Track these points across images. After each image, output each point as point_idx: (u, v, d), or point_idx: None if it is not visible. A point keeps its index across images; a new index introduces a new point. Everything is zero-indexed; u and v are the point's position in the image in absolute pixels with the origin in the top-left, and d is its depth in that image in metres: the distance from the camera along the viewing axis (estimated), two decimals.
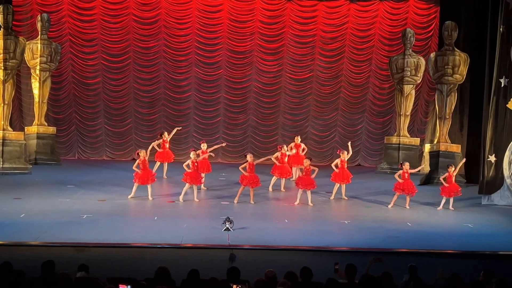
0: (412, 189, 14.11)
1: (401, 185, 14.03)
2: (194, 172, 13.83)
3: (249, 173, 13.81)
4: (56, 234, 10.55)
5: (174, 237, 10.66)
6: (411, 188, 14.07)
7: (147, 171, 13.85)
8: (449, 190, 14.11)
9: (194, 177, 13.85)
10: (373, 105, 20.94)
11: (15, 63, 17.39)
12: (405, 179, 14.02)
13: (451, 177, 14.14)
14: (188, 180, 13.83)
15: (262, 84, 20.68)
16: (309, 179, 13.90)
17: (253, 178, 13.88)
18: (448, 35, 18.11)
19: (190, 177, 13.83)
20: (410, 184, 14.07)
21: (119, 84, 20.30)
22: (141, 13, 20.05)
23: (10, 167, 16.87)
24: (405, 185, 14.02)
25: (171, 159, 16.60)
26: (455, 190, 14.16)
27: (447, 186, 14.13)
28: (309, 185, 13.89)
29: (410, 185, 14.06)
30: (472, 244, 11.05)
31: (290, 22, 20.41)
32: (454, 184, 14.21)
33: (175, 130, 16.96)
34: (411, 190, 14.07)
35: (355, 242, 10.82)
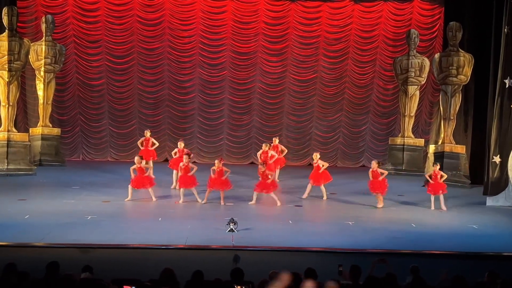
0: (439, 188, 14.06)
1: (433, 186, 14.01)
2: (185, 175, 13.78)
3: (216, 177, 13.74)
4: (61, 235, 10.57)
5: (178, 238, 10.67)
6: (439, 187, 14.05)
7: (143, 176, 13.83)
8: (434, 188, 14.01)
9: (184, 181, 13.80)
10: (378, 106, 20.93)
11: (20, 64, 17.44)
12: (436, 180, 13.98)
13: (436, 175, 14.03)
14: (181, 184, 13.81)
15: (266, 85, 20.68)
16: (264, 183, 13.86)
17: (217, 181, 13.82)
18: (452, 36, 18.08)
19: (181, 182, 13.83)
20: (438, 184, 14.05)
21: (124, 86, 20.34)
22: (145, 15, 20.10)
23: (15, 168, 16.91)
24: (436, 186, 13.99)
25: (153, 157, 16.54)
26: (441, 188, 14.03)
27: (432, 183, 14.03)
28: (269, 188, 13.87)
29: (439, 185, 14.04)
30: (477, 245, 11.01)
31: (294, 23, 20.42)
32: (440, 182, 14.07)
33: (156, 144, 16.80)
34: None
35: (359, 243, 10.80)
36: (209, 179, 13.82)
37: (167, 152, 19.99)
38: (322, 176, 14.76)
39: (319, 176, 14.73)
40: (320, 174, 14.70)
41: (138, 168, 13.80)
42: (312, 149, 20.97)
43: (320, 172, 14.69)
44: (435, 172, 14.09)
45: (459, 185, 17.43)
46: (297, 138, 21.02)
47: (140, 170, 13.81)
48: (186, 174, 13.81)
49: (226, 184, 13.87)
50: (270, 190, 13.87)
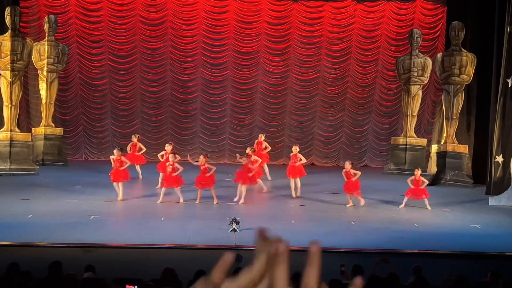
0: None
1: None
2: (169, 175, 13.71)
3: (200, 174, 13.73)
4: (63, 234, 10.59)
5: (180, 237, 10.68)
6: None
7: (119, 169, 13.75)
8: (415, 193, 13.89)
9: (169, 180, 13.74)
10: (380, 106, 20.91)
11: (23, 64, 17.46)
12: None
13: (418, 180, 13.88)
14: (164, 184, 13.76)
15: (268, 85, 20.68)
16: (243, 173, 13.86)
17: (201, 179, 13.82)
18: (455, 36, 18.06)
19: (166, 181, 13.79)
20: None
21: (126, 85, 20.36)
22: (148, 15, 20.11)
23: (18, 168, 16.94)
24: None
25: (141, 162, 16.54)
26: (422, 193, 13.85)
27: (412, 188, 13.90)
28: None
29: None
30: (479, 245, 11.01)
31: (296, 23, 20.41)
32: (420, 188, 13.89)
33: (143, 149, 16.76)
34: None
35: (362, 243, 10.80)
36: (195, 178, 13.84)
37: None
38: (298, 170, 14.66)
39: (295, 168, 14.64)
40: (296, 167, 14.61)
41: (115, 160, 13.66)
42: (314, 149, 21.04)
43: (297, 165, 14.57)
44: (416, 178, 14.00)
45: (461, 185, 17.42)
46: (300, 137, 20.99)
47: (118, 162, 13.66)
48: (171, 173, 13.70)
49: (211, 181, 13.77)
50: (246, 183, 13.82)
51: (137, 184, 15.92)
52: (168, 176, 13.72)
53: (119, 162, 13.70)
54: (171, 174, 13.66)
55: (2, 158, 16.93)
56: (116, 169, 13.71)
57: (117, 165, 13.70)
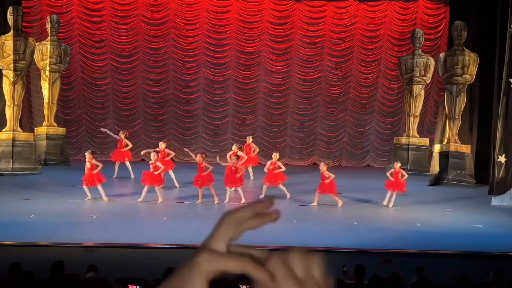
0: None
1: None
2: (152, 173, 13.63)
3: (198, 173, 13.69)
4: (66, 234, 10.59)
5: (183, 237, 10.67)
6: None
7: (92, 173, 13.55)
8: (393, 185, 13.89)
9: (152, 178, 13.64)
10: (382, 106, 20.90)
11: (25, 64, 17.47)
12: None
13: (397, 173, 13.89)
14: (147, 182, 13.64)
15: (270, 84, 20.68)
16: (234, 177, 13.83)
17: (198, 178, 13.78)
18: (457, 35, 18.04)
19: (148, 179, 13.66)
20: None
21: (128, 85, 20.37)
22: (150, 14, 20.11)
23: (20, 168, 16.95)
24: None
25: (125, 159, 16.53)
26: (400, 186, 13.88)
27: (392, 181, 13.90)
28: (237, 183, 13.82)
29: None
30: (482, 245, 10.99)
31: (298, 23, 20.40)
32: (400, 181, 13.92)
33: (130, 145, 16.72)
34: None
35: (364, 242, 10.79)
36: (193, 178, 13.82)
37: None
38: (279, 176, 14.53)
39: (275, 176, 14.52)
40: (275, 174, 14.46)
41: (89, 164, 13.51)
42: (317, 149, 21.03)
43: (275, 172, 14.43)
44: (396, 170, 13.97)
45: (464, 185, 17.40)
46: (302, 137, 21.01)
47: (91, 166, 13.53)
48: (153, 172, 13.59)
49: (209, 179, 13.72)
50: (238, 185, 13.77)
51: (137, 184, 15.89)
52: (150, 174, 13.58)
53: (91, 165, 13.53)
54: (152, 172, 13.56)
55: (5, 158, 16.95)
56: (88, 173, 13.52)
57: (87, 167, 13.54)
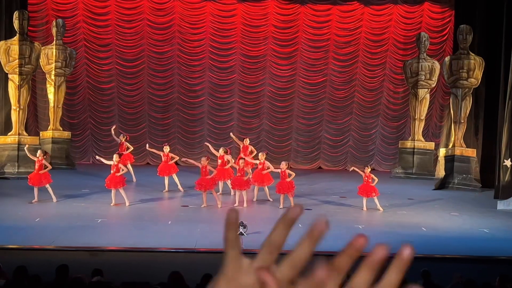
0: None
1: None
2: (113, 175, 13.51)
3: (202, 177, 13.64)
4: (71, 238, 10.60)
5: (187, 241, 10.67)
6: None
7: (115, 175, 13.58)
8: (366, 190, 13.83)
9: (113, 181, 13.52)
10: (388, 109, 20.87)
11: (31, 68, 17.53)
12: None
13: (368, 177, 13.80)
14: (110, 185, 13.52)
15: (275, 88, 20.68)
16: (241, 179, 13.80)
17: (202, 181, 13.75)
18: (462, 39, 18.02)
19: (110, 181, 13.54)
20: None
21: (133, 89, 20.40)
22: (155, 18, 20.15)
23: (26, 172, 16.91)
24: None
25: (127, 162, 16.54)
26: (372, 190, 13.80)
27: (363, 185, 13.80)
28: (243, 186, 13.81)
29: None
30: (488, 249, 10.95)
31: (303, 27, 20.41)
32: (371, 185, 13.81)
33: (130, 148, 16.80)
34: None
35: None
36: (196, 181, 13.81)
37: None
38: (266, 178, 14.42)
39: (263, 177, 14.42)
40: (263, 175, 14.38)
41: (37, 165, 13.52)
42: (322, 153, 21.01)
43: (264, 173, 14.33)
44: (366, 175, 13.91)
45: (470, 189, 17.35)
46: (307, 141, 21.00)
47: (39, 167, 13.53)
48: (115, 174, 13.50)
49: (212, 183, 13.70)
50: (244, 188, 13.76)
51: (142, 188, 15.90)
52: (112, 176, 13.47)
53: (39, 165, 13.53)
54: (114, 174, 13.44)
55: (10, 162, 16.99)
56: (36, 173, 13.57)
57: (36, 168, 13.58)
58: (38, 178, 13.57)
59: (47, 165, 13.76)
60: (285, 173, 13.70)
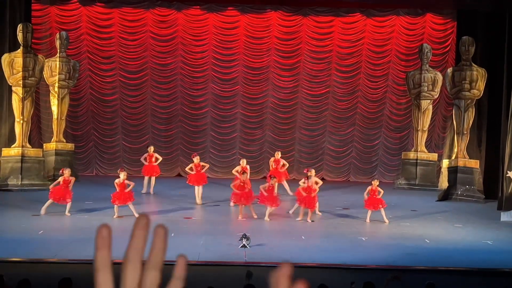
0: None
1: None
2: (121, 192, 13.59)
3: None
4: (74, 251, 10.60)
5: (191, 253, 10.64)
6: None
7: (123, 192, 13.64)
8: (373, 203, 13.83)
9: (122, 198, 13.58)
10: (390, 120, 20.87)
11: (34, 80, 17.59)
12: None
13: (374, 191, 13.83)
14: (115, 201, 13.59)
15: (278, 99, 20.72)
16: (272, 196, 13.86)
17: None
18: (465, 50, 18.05)
19: (117, 198, 13.61)
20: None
21: (137, 101, 20.45)
22: (158, 30, 20.24)
23: (29, 184, 17.02)
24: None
25: (156, 173, 16.70)
26: (379, 203, 13.83)
27: (370, 198, 13.81)
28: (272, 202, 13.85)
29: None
30: (492, 261, 10.92)
31: (306, 38, 20.47)
32: (377, 198, 13.87)
33: (160, 158, 16.94)
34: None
35: (373, 259, 10.74)
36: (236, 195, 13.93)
37: (179, 167, 20.10)
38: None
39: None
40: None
41: (119, 184, 13.59)
42: (325, 164, 21.00)
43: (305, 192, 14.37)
44: (373, 189, 13.90)
45: (473, 200, 17.32)
46: (310, 152, 20.99)
47: (122, 185, 13.62)
48: (123, 190, 13.58)
49: (251, 197, 13.99)
50: (275, 205, 13.87)
51: (148, 199, 15.91)
52: (119, 193, 13.57)
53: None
54: (123, 191, 13.55)
55: (14, 174, 17.02)
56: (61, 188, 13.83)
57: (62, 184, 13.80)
58: (63, 194, 13.73)
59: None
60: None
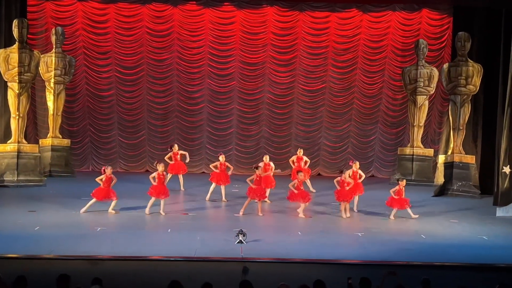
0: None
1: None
2: (160, 185, 13.70)
3: (257, 186, 13.83)
4: (70, 247, 10.59)
5: (187, 249, 10.67)
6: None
7: (162, 185, 13.82)
8: (399, 203, 13.89)
9: (158, 190, 13.69)
10: (386, 116, 20.90)
11: (30, 76, 17.54)
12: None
13: (400, 190, 13.90)
14: (153, 194, 13.69)
15: (274, 95, 20.72)
16: (302, 192, 13.91)
17: (260, 190, 13.90)
18: (461, 46, 18.08)
19: (154, 191, 13.71)
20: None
21: (133, 96, 20.43)
22: (155, 26, 20.20)
23: (25, 180, 16.99)
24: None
25: (183, 170, 16.68)
26: (406, 202, 13.93)
27: (396, 198, 13.89)
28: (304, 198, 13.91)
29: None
30: (487, 256, 10.95)
31: (302, 34, 20.46)
32: (403, 198, 13.95)
33: (186, 155, 16.84)
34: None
35: (369, 254, 10.76)
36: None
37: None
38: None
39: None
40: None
41: (158, 176, 13.66)
42: (321, 159, 21.02)
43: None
44: (400, 188, 13.94)
45: (469, 196, 17.37)
46: (306, 148, 20.91)
47: (160, 179, 13.70)
48: (161, 184, 13.72)
49: (264, 192, 14.14)
50: (306, 200, 13.96)
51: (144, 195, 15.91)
52: (101, 189, 13.62)
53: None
54: (161, 184, 13.72)
55: (10, 170, 17.00)
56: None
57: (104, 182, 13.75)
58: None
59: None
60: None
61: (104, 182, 13.62)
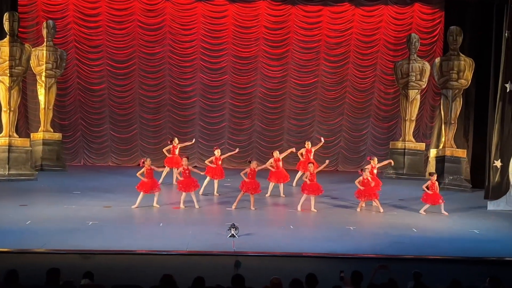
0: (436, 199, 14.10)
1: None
2: (186, 179, 13.78)
3: (250, 179, 13.84)
4: (62, 241, 10.57)
5: (179, 243, 10.67)
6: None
7: (152, 180, 13.82)
8: (433, 198, 13.96)
9: (186, 184, 13.80)
10: (378, 110, 20.93)
11: (21, 70, 17.46)
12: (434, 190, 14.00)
13: (433, 184, 13.98)
14: (182, 188, 13.80)
15: (267, 89, 20.70)
16: (314, 184, 13.95)
17: (253, 184, 13.91)
18: (453, 40, 18.12)
19: (183, 185, 13.80)
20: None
21: (125, 90, 20.36)
22: (146, 19, 20.12)
23: (16, 174, 16.93)
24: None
25: (180, 165, 16.64)
26: (439, 198, 13.99)
27: (430, 193, 13.96)
28: (315, 191, 13.95)
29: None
30: (478, 250, 11.01)
31: (294, 28, 20.44)
32: (437, 192, 14.04)
33: (188, 143, 17.02)
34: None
35: (361, 248, 10.79)
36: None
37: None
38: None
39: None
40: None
41: (146, 171, 13.66)
42: (314, 153, 20.97)
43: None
44: (432, 182, 14.02)
45: (460, 190, 17.44)
46: (298, 142, 20.97)
47: (149, 174, 13.69)
48: (188, 178, 13.78)
49: (257, 186, 14.12)
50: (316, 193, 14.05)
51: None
52: (185, 180, 13.83)
53: (148, 172, 13.74)
54: (189, 177, 13.89)
55: (1, 164, 16.93)
56: (148, 180, 13.81)
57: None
58: (151, 185, 13.77)
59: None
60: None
61: (146, 175, 13.64)
